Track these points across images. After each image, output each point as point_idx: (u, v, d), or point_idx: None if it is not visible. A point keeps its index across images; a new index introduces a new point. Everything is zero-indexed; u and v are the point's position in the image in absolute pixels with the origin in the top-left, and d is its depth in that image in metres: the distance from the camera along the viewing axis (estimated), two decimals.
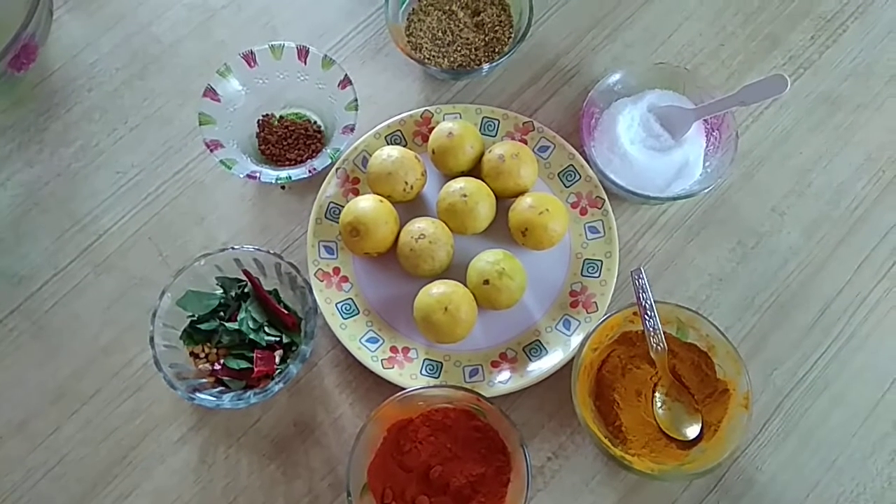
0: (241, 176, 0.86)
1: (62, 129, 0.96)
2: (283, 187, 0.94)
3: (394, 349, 0.86)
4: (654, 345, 0.80)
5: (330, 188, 0.91)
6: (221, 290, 0.85)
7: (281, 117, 0.96)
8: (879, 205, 0.93)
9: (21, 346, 0.88)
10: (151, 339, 0.79)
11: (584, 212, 0.91)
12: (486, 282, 0.83)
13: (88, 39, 1.00)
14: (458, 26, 0.97)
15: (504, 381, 0.84)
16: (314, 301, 0.82)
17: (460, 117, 0.93)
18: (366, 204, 0.86)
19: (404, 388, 0.79)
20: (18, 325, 0.88)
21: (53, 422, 0.85)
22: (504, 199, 0.90)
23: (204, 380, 0.82)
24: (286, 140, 0.94)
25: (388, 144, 0.92)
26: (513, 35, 0.97)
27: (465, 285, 0.84)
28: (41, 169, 0.95)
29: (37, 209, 0.93)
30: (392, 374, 0.84)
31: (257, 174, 0.87)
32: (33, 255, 0.91)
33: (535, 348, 0.86)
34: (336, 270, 0.89)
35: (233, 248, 0.83)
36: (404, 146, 0.93)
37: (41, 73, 0.98)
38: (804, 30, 1.01)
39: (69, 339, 0.88)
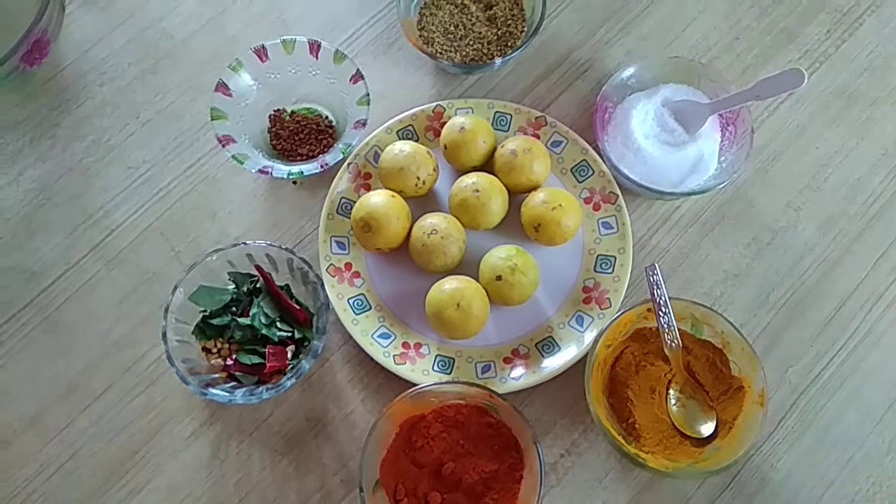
0: (253, 171, 0.86)
1: (74, 124, 0.96)
2: (294, 182, 0.94)
3: (406, 345, 0.86)
4: (669, 341, 0.80)
5: (342, 183, 0.91)
6: (234, 286, 0.85)
7: (292, 112, 0.95)
8: None
9: (33, 341, 0.88)
10: (164, 334, 0.79)
11: (597, 207, 0.90)
12: (499, 277, 0.82)
13: (100, 34, 1.00)
14: (471, 20, 0.96)
15: (517, 377, 0.84)
16: (326, 296, 0.82)
17: (472, 112, 0.93)
18: (377, 199, 0.85)
19: (416, 384, 0.79)
20: (31, 319, 0.88)
21: (66, 416, 0.85)
22: (517, 195, 0.89)
23: (216, 375, 0.82)
24: (298, 135, 0.94)
25: (399, 139, 0.92)
26: (525, 29, 0.96)
27: (478, 281, 0.84)
28: (53, 164, 0.95)
29: (49, 204, 0.93)
30: (404, 370, 0.83)
31: (269, 169, 0.86)
32: (45, 250, 0.91)
33: (547, 345, 0.85)
34: (348, 266, 0.88)
35: (245, 244, 0.83)
36: (416, 141, 0.92)
37: (53, 68, 0.98)
38: (820, 23, 1.00)
39: (81, 334, 0.88)
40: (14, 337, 0.88)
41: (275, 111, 0.95)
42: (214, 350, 0.83)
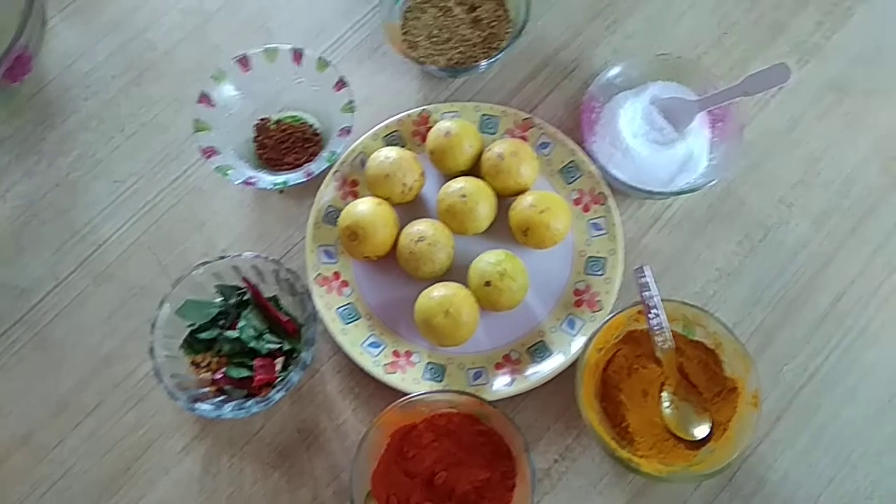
0: (238, 182, 0.85)
1: (59, 139, 0.96)
2: (281, 192, 0.93)
3: (396, 353, 0.85)
4: (661, 343, 0.79)
5: (328, 192, 0.90)
6: (221, 298, 0.84)
7: (278, 121, 0.94)
8: (890, 193, 0.91)
9: (23, 359, 0.87)
10: (151, 349, 0.78)
11: (586, 208, 0.89)
12: (488, 283, 0.81)
13: (84, 48, 1.00)
14: (455, 23, 0.95)
15: (508, 383, 0.83)
16: (314, 307, 0.81)
17: (459, 115, 0.92)
18: (364, 207, 0.85)
19: (408, 393, 0.78)
20: (20, 337, 0.88)
21: (57, 434, 0.85)
22: (505, 198, 0.88)
23: (205, 389, 0.81)
24: (283, 144, 0.93)
25: (386, 145, 0.91)
26: (510, 30, 0.95)
27: (467, 287, 0.83)
28: (40, 180, 0.94)
29: (36, 220, 0.93)
30: (394, 380, 0.83)
31: (254, 180, 0.86)
32: (34, 266, 0.91)
33: (539, 349, 0.85)
34: (336, 275, 0.88)
35: (231, 256, 0.82)
36: (403, 147, 0.91)
37: (37, 83, 0.98)
38: (810, 15, 0.99)
39: (71, 351, 0.88)
40: (4, 355, 0.88)
41: (260, 120, 0.94)
42: (203, 364, 0.82)
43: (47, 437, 0.85)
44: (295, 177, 0.86)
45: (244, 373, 0.81)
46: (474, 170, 0.89)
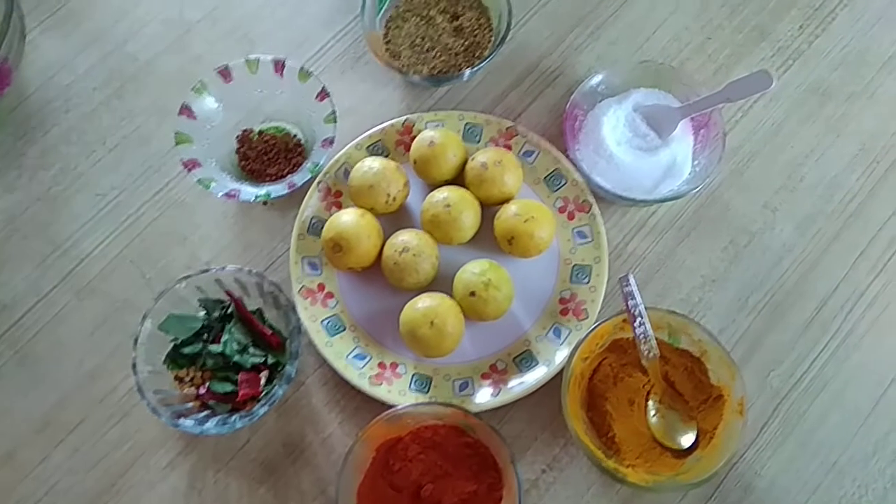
0: (220, 195, 0.84)
1: (40, 153, 0.95)
2: (265, 203, 0.92)
3: (382, 365, 0.84)
4: (646, 352, 0.79)
5: (312, 203, 0.89)
6: (204, 312, 0.84)
7: (260, 132, 0.94)
8: (874, 197, 0.91)
9: (5, 376, 0.86)
10: (134, 365, 0.77)
11: (571, 216, 0.89)
12: (473, 293, 0.81)
13: (64, 60, 0.99)
14: (437, 32, 0.95)
15: (494, 393, 0.82)
16: (298, 320, 0.81)
17: (443, 125, 0.91)
18: (347, 218, 0.84)
19: (394, 405, 0.78)
20: (2, 353, 0.87)
21: (41, 451, 0.84)
22: (489, 207, 0.88)
23: (190, 404, 0.80)
24: (266, 155, 0.92)
25: (369, 155, 0.91)
26: (493, 38, 0.95)
27: (452, 297, 0.83)
28: (21, 194, 0.93)
29: (17, 235, 0.92)
30: (380, 392, 0.82)
31: (236, 193, 0.85)
32: (15, 282, 0.90)
33: (525, 359, 0.84)
34: (321, 287, 0.87)
35: (213, 270, 0.81)
36: (387, 156, 0.91)
37: (17, 96, 0.97)
38: (792, 20, 0.99)
39: (54, 367, 0.87)
40: None
41: (243, 131, 0.94)
42: (187, 379, 0.82)
43: (31, 453, 0.84)
44: (278, 188, 0.86)
45: (228, 387, 0.80)
46: (458, 179, 0.89)
